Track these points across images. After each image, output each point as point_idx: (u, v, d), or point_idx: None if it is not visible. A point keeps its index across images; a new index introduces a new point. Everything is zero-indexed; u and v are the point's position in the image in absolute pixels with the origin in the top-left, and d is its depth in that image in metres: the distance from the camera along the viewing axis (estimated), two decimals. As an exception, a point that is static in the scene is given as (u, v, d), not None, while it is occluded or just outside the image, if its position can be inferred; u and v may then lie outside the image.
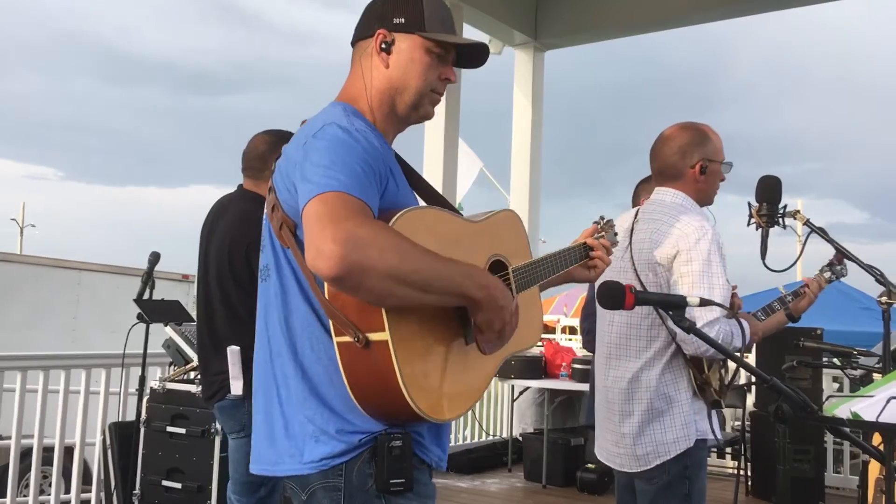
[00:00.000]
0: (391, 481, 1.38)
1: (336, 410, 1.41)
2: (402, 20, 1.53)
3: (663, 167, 2.41)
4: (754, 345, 5.72)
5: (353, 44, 1.60)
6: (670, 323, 2.21)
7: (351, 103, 1.54)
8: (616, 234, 2.04)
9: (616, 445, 2.36)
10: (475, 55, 1.63)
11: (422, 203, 1.63)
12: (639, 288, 2.08)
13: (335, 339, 1.38)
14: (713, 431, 2.27)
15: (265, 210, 1.56)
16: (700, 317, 2.16)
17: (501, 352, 1.55)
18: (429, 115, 1.60)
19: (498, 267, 1.61)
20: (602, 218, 2.04)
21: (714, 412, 2.34)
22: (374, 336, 1.33)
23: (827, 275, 2.73)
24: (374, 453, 1.39)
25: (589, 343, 4.30)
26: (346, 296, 1.34)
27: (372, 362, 1.34)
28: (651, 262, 2.30)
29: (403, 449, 1.40)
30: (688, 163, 2.37)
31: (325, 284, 1.38)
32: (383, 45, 1.53)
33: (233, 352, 2.66)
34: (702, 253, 2.22)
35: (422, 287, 1.31)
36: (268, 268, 1.54)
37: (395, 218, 1.37)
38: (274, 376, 1.48)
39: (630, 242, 2.38)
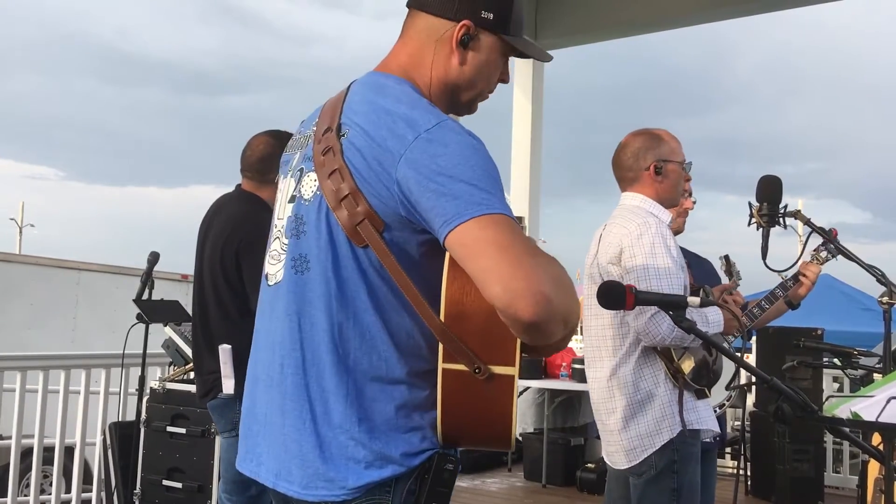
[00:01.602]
0: (433, 503, 1.31)
1: (397, 433, 1.29)
2: (490, 16, 1.39)
3: (622, 173, 2.53)
4: (754, 344, 5.76)
5: (416, 8, 1.43)
6: (629, 317, 2.28)
7: (408, 80, 1.39)
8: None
9: (607, 444, 2.44)
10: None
11: None
12: None
13: (442, 365, 1.26)
14: (680, 413, 2.28)
15: (314, 192, 1.35)
16: (642, 310, 2.20)
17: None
18: (474, 111, 1.51)
19: None
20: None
21: (703, 402, 2.36)
22: (499, 369, 1.25)
23: (823, 254, 2.74)
24: (426, 471, 1.30)
25: None
26: (473, 323, 1.24)
27: (488, 394, 1.26)
28: (606, 264, 2.39)
29: (453, 473, 1.32)
30: (642, 165, 2.46)
31: (443, 305, 1.25)
32: (465, 38, 1.38)
33: (224, 350, 2.66)
34: (644, 247, 2.29)
35: (569, 325, 1.22)
36: (306, 258, 1.34)
37: None
38: (307, 387, 1.32)
39: (598, 250, 2.46)
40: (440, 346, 1.26)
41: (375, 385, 1.29)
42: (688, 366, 2.31)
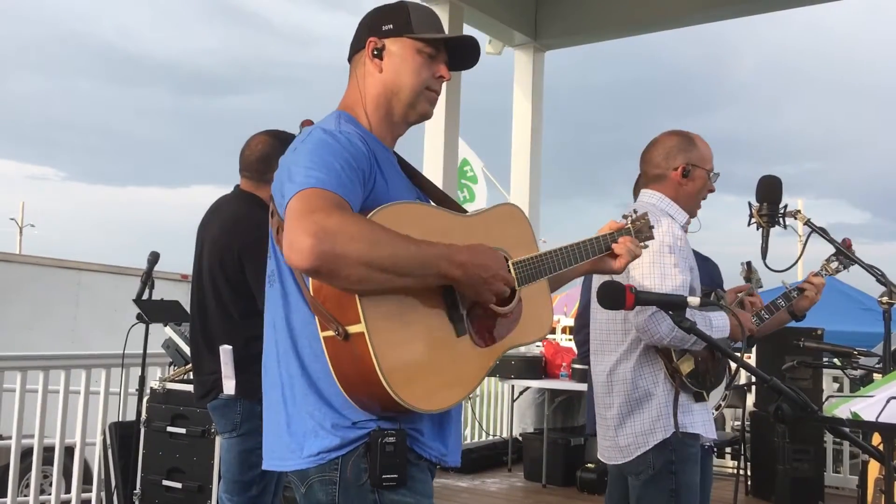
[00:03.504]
0: (384, 476, 1.42)
1: (333, 406, 1.45)
2: (391, 26, 1.60)
3: (648, 169, 2.50)
4: (754, 345, 5.76)
5: (350, 60, 1.68)
6: (630, 314, 2.26)
7: (347, 111, 1.61)
8: (652, 227, 2.05)
9: (603, 438, 2.44)
10: (467, 55, 1.67)
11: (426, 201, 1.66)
12: None
13: (321, 334, 1.43)
14: (675, 415, 2.28)
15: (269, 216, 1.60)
16: (641, 308, 2.19)
17: (502, 343, 1.56)
18: (427, 114, 1.66)
19: None
20: (635, 211, 2.03)
21: (700, 406, 2.35)
22: (352, 328, 1.37)
23: (834, 265, 2.71)
24: (368, 448, 1.43)
25: (584, 354, 4.27)
26: (326, 291, 1.40)
27: (352, 354, 1.37)
28: None
29: (396, 445, 1.43)
30: (671, 165, 2.44)
31: (310, 280, 1.42)
32: (375, 52, 1.60)
33: (225, 351, 2.65)
34: (652, 246, 2.26)
35: (396, 271, 1.36)
36: (273, 273, 1.58)
37: (374, 211, 1.41)
38: (280, 376, 1.53)
39: None
40: (315, 318, 1.43)
41: (318, 364, 1.47)
42: (686, 367, 2.30)
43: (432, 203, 1.67)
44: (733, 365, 2.55)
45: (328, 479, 1.45)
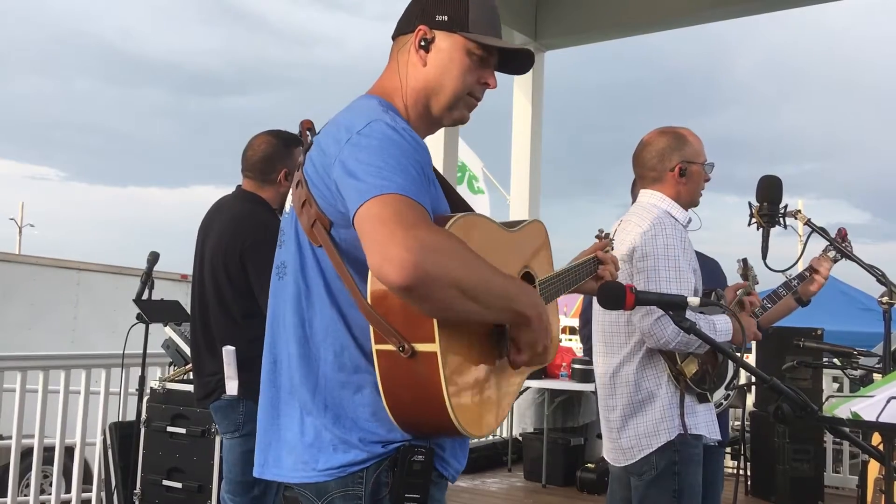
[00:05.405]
0: (406, 495, 1.34)
1: (359, 420, 1.36)
2: (445, 18, 1.47)
3: (644, 172, 2.49)
4: (754, 344, 5.76)
5: (394, 37, 1.54)
6: (636, 317, 2.27)
7: (386, 98, 1.48)
8: (612, 248, 2.13)
9: (607, 439, 2.44)
10: (519, 61, 1.56)
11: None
12: None
13: (374, 346, 1.32)
14: (681, 416, 2.28)
15: (290, 205, 1.49)
16: (649, 311, 2.21)
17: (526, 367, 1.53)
18: (464, 119, 1.55)
19: (526, 279, 1.60)
20: (601, 231, 2.10)
21: (704, 406, 2.35)
22: (421, 347, 1.27)
23: (831, 254, 2.73)
24: (395, 463, 1.35)
25: (589, 350, 4.28)
26: (392, 302, 1.29)
27: (416, 373, 1.28)
28: (618, 261, 2.36)
29: (424, 464, 1.35)
30: (667, 166, 2.44)
31: (368, 289, 1.31)
32: (422, 42, 1.47)
33: (228, 352, 2.65)
34: (657, 249, 2.29)
35: (482, 301, 1.27)
36: (285, 265, 1.47)
37: (450, 224, 1.32)
38: (291, 379, 1.42)
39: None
40: (371, 329, 1.32)
41: (341, 375, 1.37)
42: (691, 369, 2.30)
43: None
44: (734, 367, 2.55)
45: (353, 494, 1.35)
